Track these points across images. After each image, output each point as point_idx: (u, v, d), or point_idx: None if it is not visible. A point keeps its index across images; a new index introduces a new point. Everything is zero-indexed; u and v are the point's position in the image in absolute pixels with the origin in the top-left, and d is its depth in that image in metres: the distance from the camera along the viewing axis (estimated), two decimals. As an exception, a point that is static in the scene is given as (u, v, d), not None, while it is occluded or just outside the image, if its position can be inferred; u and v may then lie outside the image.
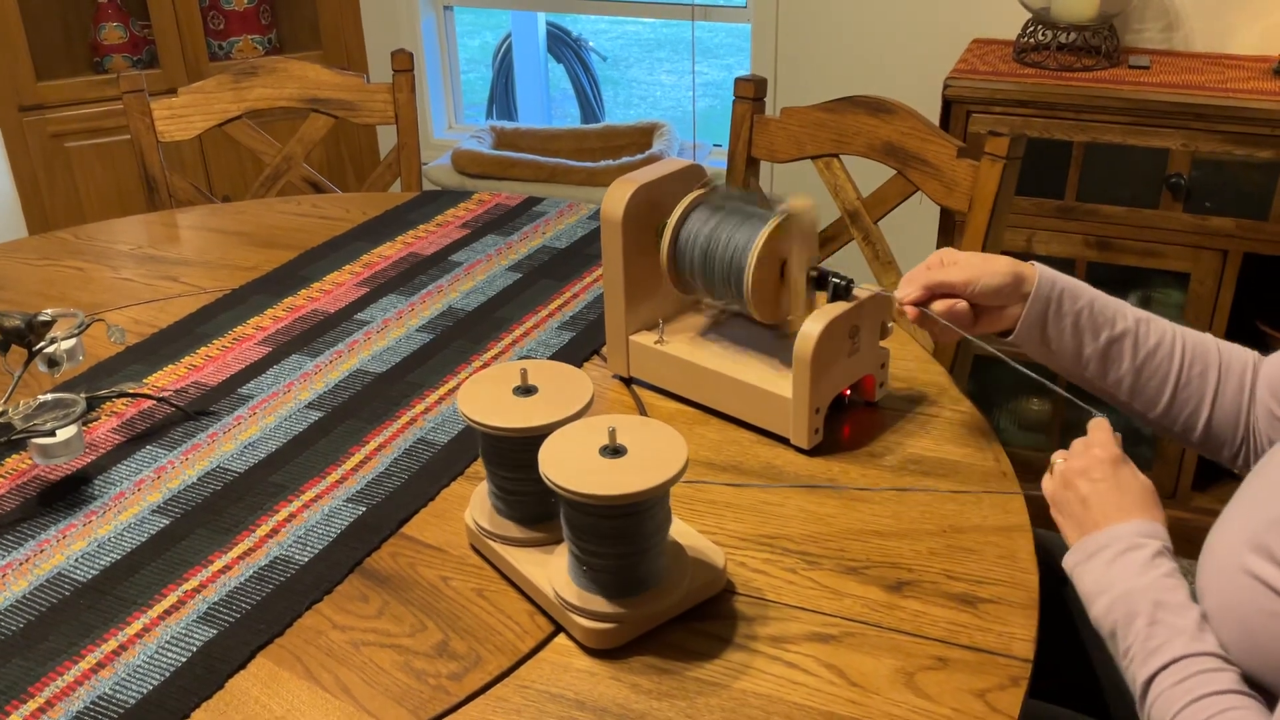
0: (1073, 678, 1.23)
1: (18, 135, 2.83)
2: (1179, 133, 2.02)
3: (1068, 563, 0.98)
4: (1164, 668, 0.86)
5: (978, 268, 1.11)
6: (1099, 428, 1.04)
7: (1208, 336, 1.13)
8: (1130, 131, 2.05)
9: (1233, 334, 2.13)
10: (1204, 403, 1.10)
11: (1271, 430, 1.07)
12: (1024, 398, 2.43)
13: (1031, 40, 2.24)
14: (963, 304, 1.11)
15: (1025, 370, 1.12)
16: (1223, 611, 0.88)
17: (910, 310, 1.13)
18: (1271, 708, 0.84)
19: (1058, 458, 1.05)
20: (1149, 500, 0.99)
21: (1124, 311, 1.12)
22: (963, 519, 1.09)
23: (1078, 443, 1.05)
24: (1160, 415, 1.12)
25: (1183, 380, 1.11)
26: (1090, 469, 1.00)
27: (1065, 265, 2.20)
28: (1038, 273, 1.11)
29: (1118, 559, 0.94)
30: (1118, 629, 0.91)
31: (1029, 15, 2.28)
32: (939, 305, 1.12)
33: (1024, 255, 2.20)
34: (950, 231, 2.22)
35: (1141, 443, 2.31)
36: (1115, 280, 2.26)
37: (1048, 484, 1.04)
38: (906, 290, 1.13)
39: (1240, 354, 1.12)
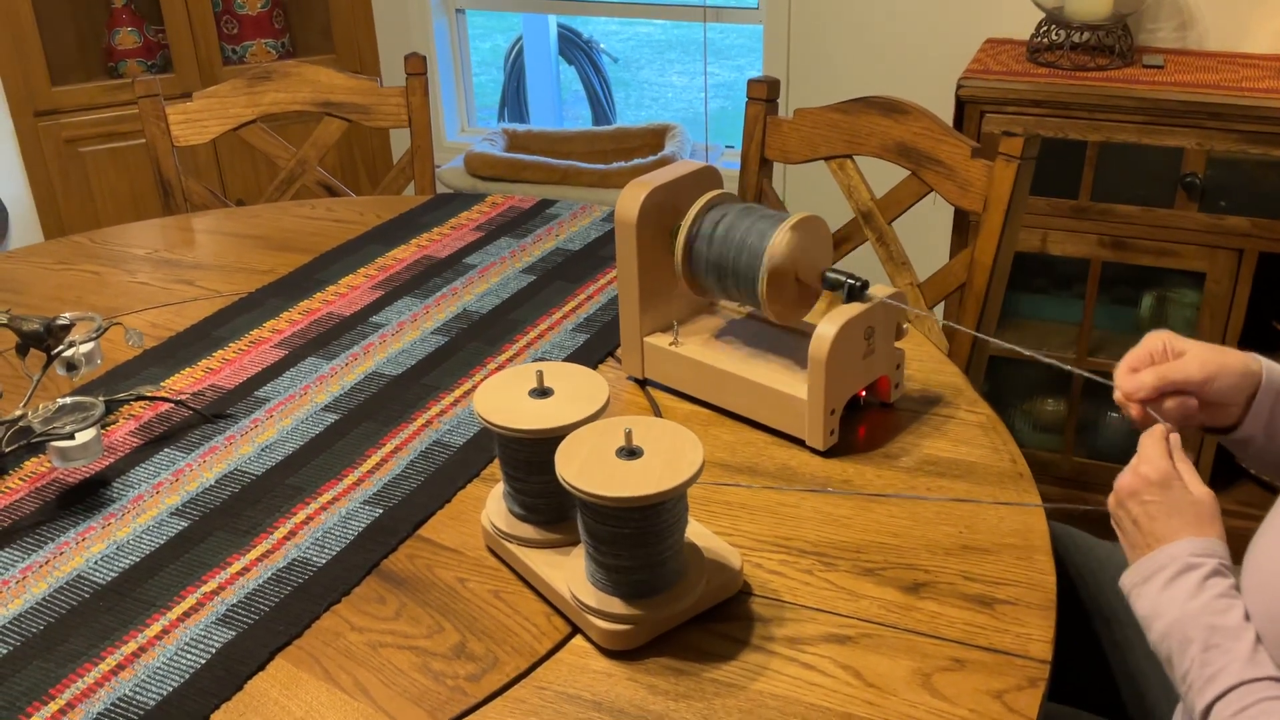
0: (1089, 678, 1.23)
1: (33, 140, 2.85)
2: (1194, 132, 2.01)
3: (1124, 585, 0.96)
4: (1222, 695, 0.85)
5: (1215, 362, 1.01)
6: (1148, 441, 0.99)
7: None
8: (1145, 131, 2.04)
9: (1248, 334, 2.12)
10: None
11: None
12: (1039, 398, 2.42)
13: (1045, 40, 2.23)
14: (1193, 401, 1.01)
15: (1060, 365, 1.10)
16: (1270, 620, 0.87)
17: (1135, 409, 1.03)
18: None
19: (1125, 473, 1.00)
20: (1204, 516, 0.95)
21: None
22: (979, 520, 1.09)
23: (1137, 458, 1.00)
24: None
25: None
26: (1140, 490, 0.97)
27: (1080, 265, 2.20)
28: (1263, 365, 1.02)
29: (1172, 582, 0.92)
30: (1173, 655, 0.90)
31: (1042, 15, 2.27)
32: (1170, 404, 1.01)
33: (1039, 255, 2.21)
34: (965, 232, 2.22)
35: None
36: (1130, 280, 2.26)
37: (1111, 501, 1.01)
38: (1136, 384, 1.02)
39: None
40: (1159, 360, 1.03)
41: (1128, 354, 1.04)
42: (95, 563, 1.08)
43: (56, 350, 1.30)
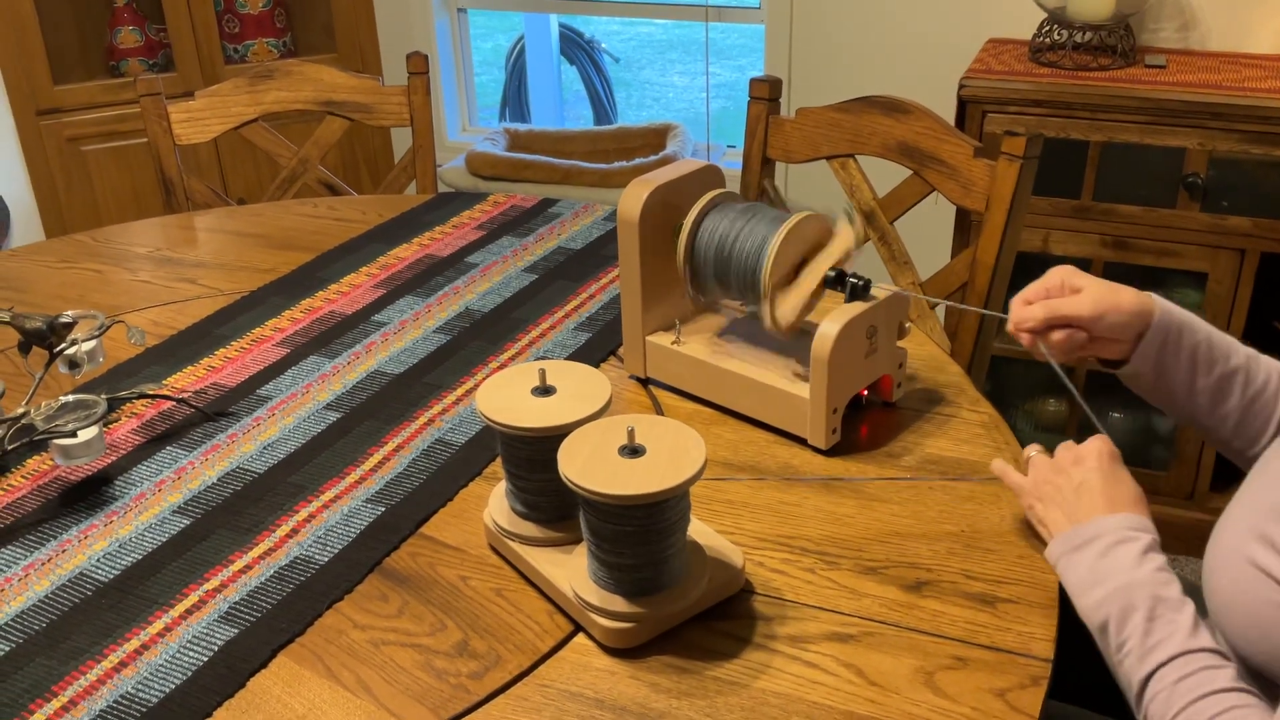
0: (1091, 677, 1.23)
1: (35, 139, 2.85)
2: (1196, 132, 2.01)
3: (1053, 552, 0.98)
4: (1163, 664, 0.87)
5: (1107, 300, 1.06)
6: (1097, 438, 1.05)
7: None
8: (1147, 131, 2.04)
9: (1250, 334, 2.12)
10: None
11: None
12: (1040, 398, 2.42)
13: (1047, 40, 2.23)
14: (1082, 334, 1.07)
15: (1058, 369, 1.11)
16: (1230, 603, 0.88)
17: (1026, 338, 1.08)
18: (1275, 700, 0.84)
19: (1033, 450, 1.05)
20: (1139, 498, 0.99)
21: (1235, 347, 1.09)
22: (981, 519, 1.09)
23: (1066, 444, 1.05)
24: (1260, 451, 1.09)
25: None
26: (1086, 457, 1.01)
27: (1082, 265, 2.19)
28: (1157, 305, 1.07)
29: (1110, 551, 0.94)
30: (1110, 623, 0.91)
31: (1044, 15, 2.27)
32: (1057, 336, 1.07)
33: (1040, 255, 2.21)
34: (967, 231, 2.22)
35: (1157, 443, 2.31)
36: (1132, 280, 2.25)
37: (1029, 476, 1.04)
38: (1026, 315, 1.08)
39: None
40: (1055, 295, 1.08)
41: (1026, 287, 1.10)
42: (97, 560, 1.08)
43: (59, 348, 1.30)
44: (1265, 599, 0.85)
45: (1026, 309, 1.08)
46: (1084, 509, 0.98)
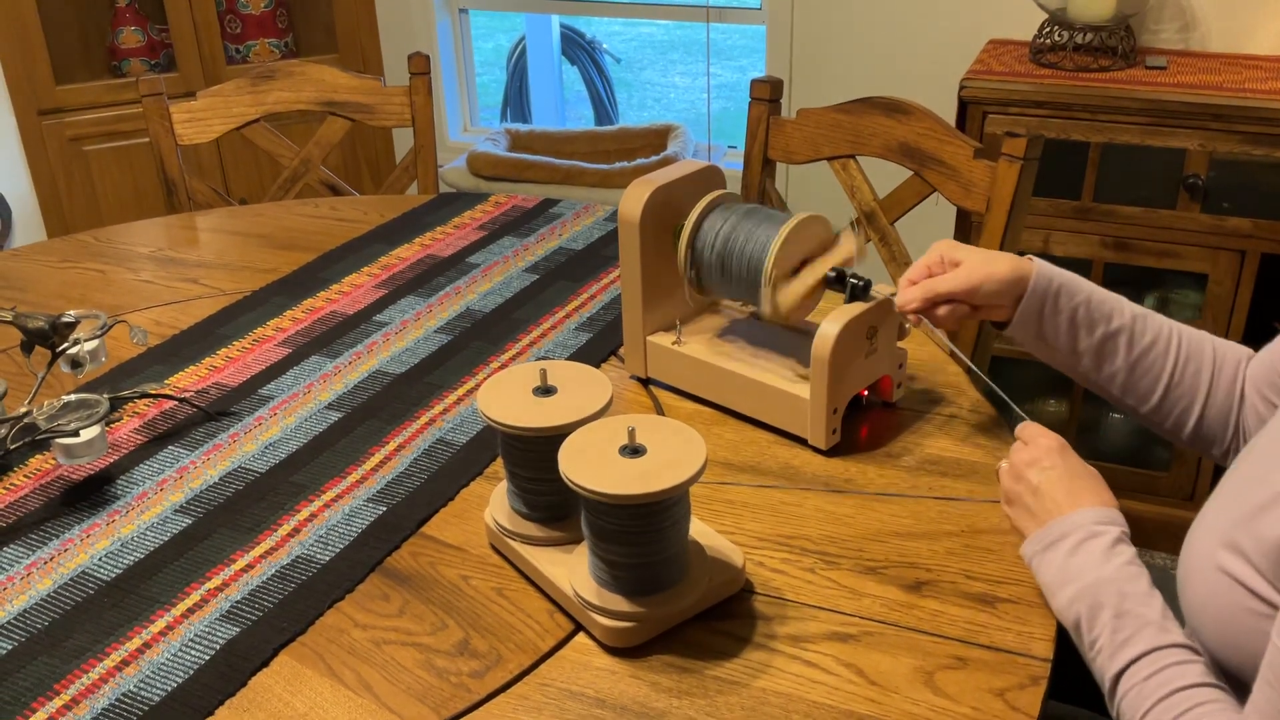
0: (1090, 677, 1.23)
1: (37, 139, 2.85)
2: (1196, 133, 2.01)
3: (1025, 553, 0.99)
4: (1134, 661, 0.87)
5: (980, 272, 1.11)
6: (1029, 426, 1.06)
7: (1204, 334, 1.14)
8: (1147, 132, 2.05)
9: (1251, 335, 2.12)
10: (1196, 401, 1.11)
11: (1258, 429, 1.07)
12: (1040, 399, 2.42)
13: (1048, 41, 2.24)
14: (964, 307, 1.13)
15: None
16: (1200, 608, 0.89)
17: (913, 317, 1.15)
18: (1244, 696, 0.84)
19: (1003, 462, 1.06)
20: (1100, 485, 1.00)
21: (1121, 308, 1.13)
22: (981, 519, 1.09)
23: (1019, 441, 1.06)
24: (1151, 411, 1.14)
25: (1175, 378, 1.12)
26: (1039, 459, 1.02)
27: (1082, 266, 2.20)
28: (1035, 269, 1.12)
29: (1078, 548, 0.94)
30: (1082, 622, 0.91)
31: (1045, 16, 2.27)
32: (942, 311, 1.13)
33: (1041, 256, 2.20)
34: (967, 232, 2.22)
35: (1157, 443, 2.31)
36: (1132, 281, 2.26)
37: (1001, 484, 1.05)
38: (907, 296, 1.14)
39: (1234, 352, 1.13)
40: (936, 272, 1.14)
41: (911, 266, 1.16)
42: (99, 559, 1.08)
43: (61, 348, 1.30)
44: (1236, 604, 0.85)
45: (908, 290, 1.14)
46: (1046, 509, 0.99)
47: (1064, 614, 0.93)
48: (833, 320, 1.14)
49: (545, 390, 1.04)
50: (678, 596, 0.96)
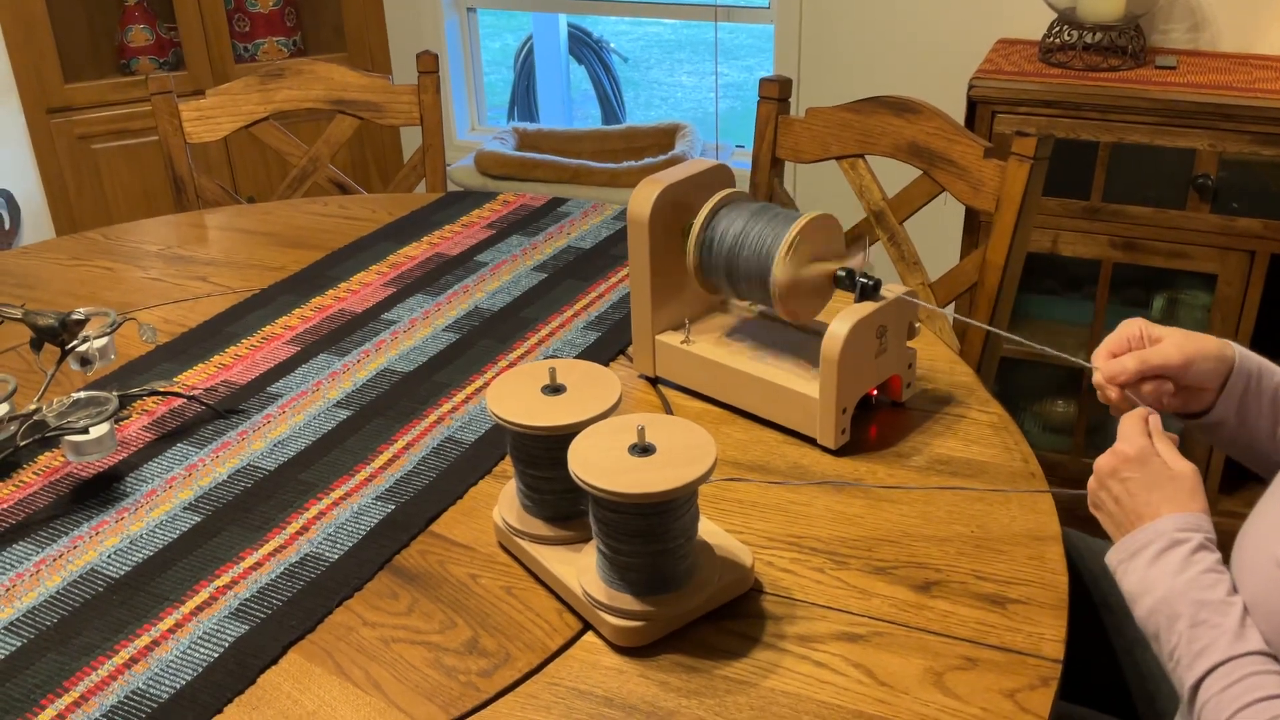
0: (1101, 679, 1.23)
1: (45, 137, 2.86)
2: (1206, 133, 2.01)
3: (1110, 562, 0.97)
4: (1210, 671, 0.85)
5: (1192, 347, 1.02)
6: (1127, 421, 1.01)
7: None
8: (1157, 132, 2.04)
9: (1260, 336, 2.11)
10: None
11: None
12: (1049, 400, 2.42)
13: (1057, 40, 2.23)
14: (1169, 385, 1.02)
15: (1071, 359, 1.11)
16: (1256, 604, 0.88)
17: (1115, 392, 1.03)
18: None
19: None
20: (1186, 490, 0.95)
21: None
22: (991, 520, 1.09)
23: (1117, 439, 1.01)
24: None
25: None
26: (1119, 468, 0.98)
27: (1091, 266, 2.20)
28: (1236, 351, 1.04)
29: (1158, 559, 0.92)
30: (1160, 632, 0.90)
31: (1054, 15, 2.27)
32: (1147, 388, 1.02)
33: (1050, 255, 2.21)
34: (976, 232, 2.22)
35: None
36: (1142, 282, 2.25)
37: (1091, 484, 1.03)
38: (1118, 368, 1.02)
39: None
40: (1136, 346, 1.04)
41: (1106, 339, 1.06)
42: (108, 557, 1.08)
43: (70, 345, 1.30)
44: None
45: (1116, 362, 1.03)
46: (1128, 519, 0.96)
47: (1144, 624, 0.92)
48: (843, 319, 1.14)
49: (554, 389, 1.04)
50: (686, 596, 0.96)
